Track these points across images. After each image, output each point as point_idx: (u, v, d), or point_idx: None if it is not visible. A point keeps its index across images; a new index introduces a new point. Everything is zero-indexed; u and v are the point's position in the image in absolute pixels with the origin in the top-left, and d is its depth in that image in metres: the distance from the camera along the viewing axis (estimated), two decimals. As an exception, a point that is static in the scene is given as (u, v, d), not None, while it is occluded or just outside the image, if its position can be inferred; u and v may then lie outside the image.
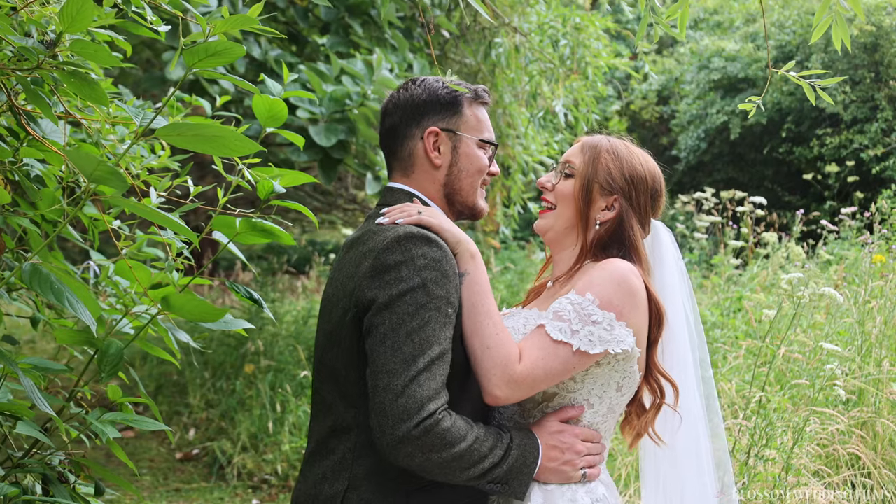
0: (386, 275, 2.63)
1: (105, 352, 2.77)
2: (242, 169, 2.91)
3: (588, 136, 3.15)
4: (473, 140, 2.99)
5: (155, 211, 2.18)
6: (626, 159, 3.06)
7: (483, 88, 3.07)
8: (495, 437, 2.72)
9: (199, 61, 2.09)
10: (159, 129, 2.06)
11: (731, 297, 8.62)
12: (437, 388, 2.58)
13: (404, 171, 3.00)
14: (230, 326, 2.92)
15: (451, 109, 2.98)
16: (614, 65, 9.88)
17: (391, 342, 2.58)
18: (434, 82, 3.01)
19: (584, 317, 2.78)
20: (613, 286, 2.82)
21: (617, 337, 2.78)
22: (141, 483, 7.51)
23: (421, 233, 2.70)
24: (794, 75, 2.74)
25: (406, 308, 2.59)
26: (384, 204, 2.96)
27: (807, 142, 17.27)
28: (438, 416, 2.55)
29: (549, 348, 2.76)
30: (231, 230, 2.86)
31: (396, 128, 2.99)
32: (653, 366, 2.98)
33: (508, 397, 2.75)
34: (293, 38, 8.25)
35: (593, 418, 2.92)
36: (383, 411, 2.54)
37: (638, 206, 3.05)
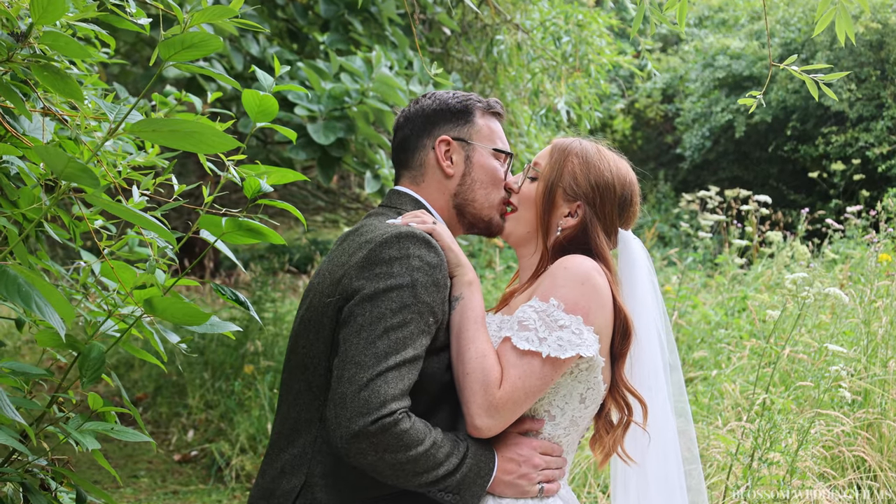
0: (377, 267, 2.57)
1: (87, 355, 2.68)
2: (229, 166, 2.82)
3: (561, 139, 3.04)
4: (487, 150, 2.95)
5: (131, 210, 2.10)
6: (595, 165, 2.94)
7: (496, 100, 3.03)
8: (452, 444, 2.63)
9: (174, 54, 2.01)
10: (133, 125, 1.97)
11: (736, 297, 8.53)
12: (403, 390, 2.51)
13: (413, 180, 2.96)
14: (216, 329, 2.84)
15: (463, 118, 2.95)
16: (617, 62, 9.79)
17: (367, 334, 2.51)
18: (444, 94, 2.98)
19: (550, 323, 2.69)
20: (576, 286, 2.72)
21: (586, 341, 2.69)
22: (138, 485, 7.43)
23: (423, 235, 2.64)
24: (796, 70, 2.66)
25: (390, 304, 2.53)
26: (388, 206, 2.92)
27: (812, 140, 17.17)
28: (398, 416, 2.47)
29: (523, 364, 2.67)
30: (218, 229, 2.78)
31: (408, 140, 2.97)
32: (619, 381, 2.87)
33: (491, 427, 2.66)
34: (293, 36, 8.17)
35: (554, 431, 2.81)
36: (343, 402, 2.46)
37: (603, 215, 2.93)
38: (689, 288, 9.58)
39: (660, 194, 19.77)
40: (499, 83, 9.20)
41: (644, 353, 2.94)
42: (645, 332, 2.93)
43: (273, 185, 2.81)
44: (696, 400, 6.47)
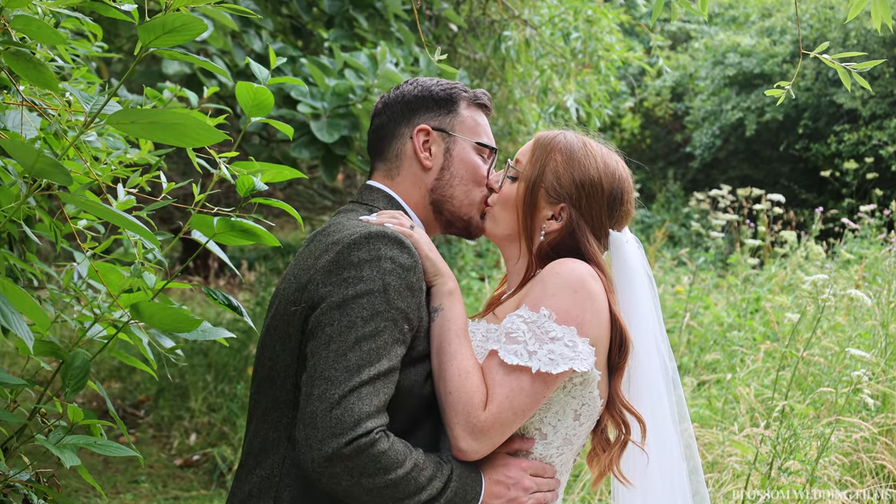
0: (345, 272, 2.36)
1: (70, 364, 2.52)
2: (221, 163, 2.66)
3: (544, 133, 2.79)
4: (469, 143, 2.72)
5: (109, 210, 1.93)
6: (579, 162, 2.69)
7: (483, 92, 2.79)
8: (435, 467, 2.42)
9: (155, 39, 1.84)
10: (109, 116, 1.81)
11: (749, 298, 8.36)
12: (379, 406, 2.30)
13: (388, 173, 2.74)
14: (208, 336, 2.67)
15: (446, 108, 2.72)
16: (627, 59, 9.63)
17: (336, 346, 2.30)
18: (428, 80, 2.75)
19: (540, 335, 2.46)
20: (569, 294, 2.49)
21: (581, 354, 2.46)
22: (139, 490, 7.29)
23: (395, 235, 2.42)
24: (827, 58, 2.48)
25: (360, 312, 2.32)
26: (359, 202, 2.69)
27: (824, 138, 16.98)
28: (375, 436, 2.26)
29: (510, 382, 2.45)
30: (209, 230, 2.61)
31: (384, 127, 2.75)
32: (616, 397, 2.65)
33: (477, 450, 2.45)
34: (297, 32, 8.02)
35: (546, 450, 2.60)
36: (313, 422, 2.26)
37: (591, 217, 2.68)
38: (700, 288, 9.42)
39: (669, 193, 19.58)
40: (507, 80, 9.06)
41: (642, 368, 2.73)
42: (643, 346, 2.71)
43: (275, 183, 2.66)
44: (709, 404, 6.32)
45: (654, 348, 2.76)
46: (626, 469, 2.75)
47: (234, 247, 17.40)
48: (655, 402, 2.76)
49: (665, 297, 9.45)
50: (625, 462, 2.75)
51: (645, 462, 2.73)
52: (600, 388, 2.61)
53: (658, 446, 2.75)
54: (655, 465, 2.76)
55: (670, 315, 8.81)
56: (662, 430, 2.77)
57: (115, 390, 9.85)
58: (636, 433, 2.69)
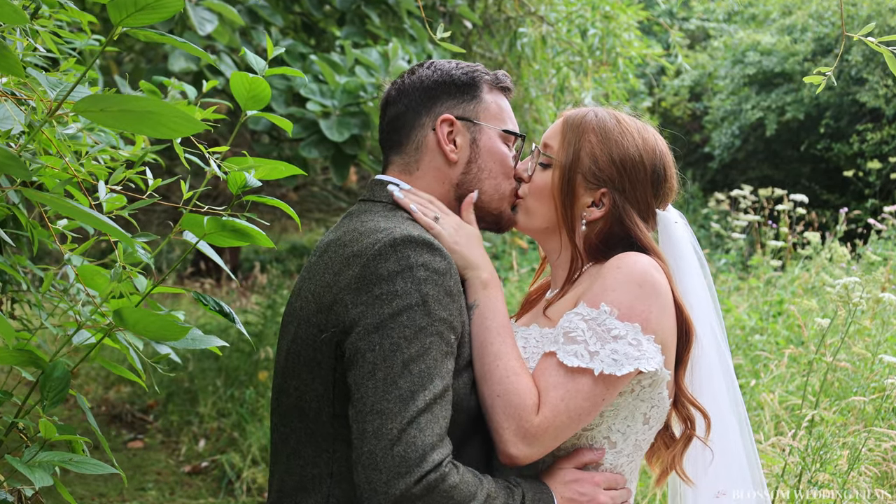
0: (376, 287, 2.13)
1: (49, 375, 2.33)
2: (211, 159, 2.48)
3: (572, 111, 2.56)
4: (496, 131, 2.47)
5: (78, 208, 1.74)
6: (616, 140, 2.47)
7: (504, 73, 2.53)
8: (507, 493, 2.20)
9: (126, 17, 1.65)
10: (77, 104, 1.62)
11: (771, 301, 8.14)
12: (441, 433, 2.08)
13: (406, 167, 2.49)
14: (199, 344, 2.47)
15: (469, 93, 2.47)
16: (646, 56, 9.43)
17: (383, 374, 2.07)
18: (446, 63, 2.50)
19: (601, 334, 2.25)
20: (633, 289, 2.28)
21: (646, 353, 2.25)
22: (145, 498, 7.12)
23: (422, 237, 2.19)
24: (872, 41, 2.28)
25: (402, 331, 2.09)
26: (370, 199, 2.45)
27: (846, 138, 16.73)
28: (445, 470, 2.05)
29: (569, 384, 2.23)
30: (200, 230, 2.42)
31: (402, 117, 2.48)
32: (680, 391, 2.44)
33: (528, 456, 2.24)
34: (308, 30, 7.86)
35: (617, 459, 2.40)
36: (374, 463, 2.03)
37: (636, 199, 2.48)
38: (721, 291, 9.21)
39: (687, 194, 19.36)
40: (522, 78, 8.88)
41: (702, 357, 2.53)
42: (701, 332, 2.51)
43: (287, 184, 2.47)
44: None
45: (711, 334, 2.57)
46: (687, 468, 2.58)
47: (248, 248, 17.25)
48: (715, 392, 2.56)
49: (685, 299, 9.24)
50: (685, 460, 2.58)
51: (709, 458, 2.54)
52: (669, 388, 2.42)
53: (719, 440, 2.56)
54: (720, 459, 2.57)
55: (690, 318, 8.60)
56: (721, 422, 2.56)
57: (124, 395, 9.71)
58: (699, 429, 2.51)
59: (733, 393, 2.64)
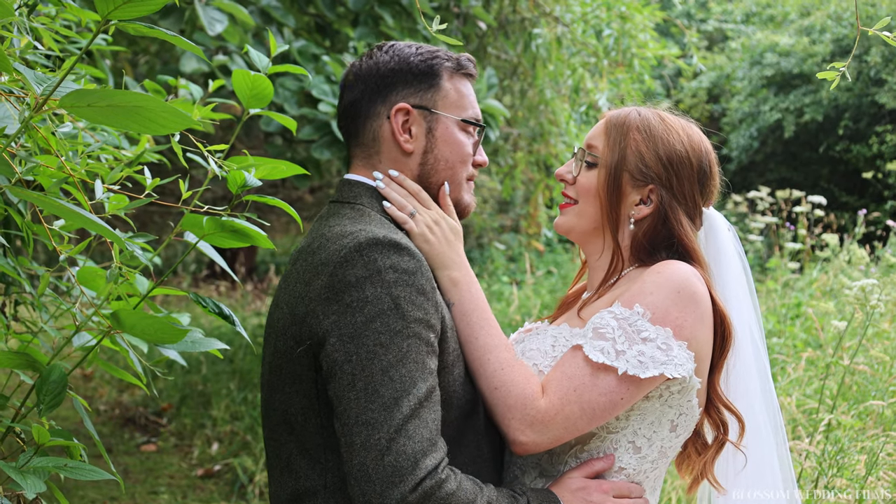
0: (346, 295, 2.08)
1: (46, 378, 2.29)
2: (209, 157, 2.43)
3: (614, 111, 2.54)
4: (454, 120, 2.40)
5: (68, 208, 1.70)
6: (662, 138, 2.45)
7: (468, 57, 2.46)
8: (510, 501, 2.16)
9: (114, 9, 1.60)
10: (62, 99, 1.57)
11: (789, 304, 8.06)
12: (431, 437, 2.03)
13: (368, 160, 2.43)
14: (198, 347, 2.43)
15: (427, 81, 2.39)
16: (662, 57, 9.37)
17: (363, 384, 2.02)
18: (405, 48, 2.42)
19: (631, 334, 2.21)
20: (671, 294, 2.25)
21: (675, 359, 2.21)
22: (157, 502, 7.09)
23: (388, 237, 2.14)
24: (889, 36, 2.22)
25: (377, 338, 2.04)
26: (340, 201, 2.40)
27: (865, 139, 16.61)
28: (441, 476, 2.00)
29: (586, 376, 2.20)
30: (200, 230, 2.38)
31: (357, 104, 2.42)
32: (715, 395, 2.40)
33: (538, 442, 2.21)
34: (322, 31, 7.83)
35: (641, 465, 2.34)
36: (366, 476, 1.99)
37: (683, 196, 2.45)
38: (738, 294, 9.12)
39: (706, 197, 19.27)
40: (537, 79, 8.82)
41: (738, 360, 2.49)
42: (740, 335, 2.47)
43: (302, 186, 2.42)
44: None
45: (748, 334, 2.53)
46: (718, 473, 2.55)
47: (264, 251, 17.25)
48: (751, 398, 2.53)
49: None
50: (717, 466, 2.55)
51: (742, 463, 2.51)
52: (700, 396, 2.38)
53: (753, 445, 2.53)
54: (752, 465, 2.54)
55: (707, 321, 8.54)
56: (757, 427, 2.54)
57: (137, 398, 9.69)
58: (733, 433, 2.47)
59: (770, 400, 2.61)
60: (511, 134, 9.93)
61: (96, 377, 10.24)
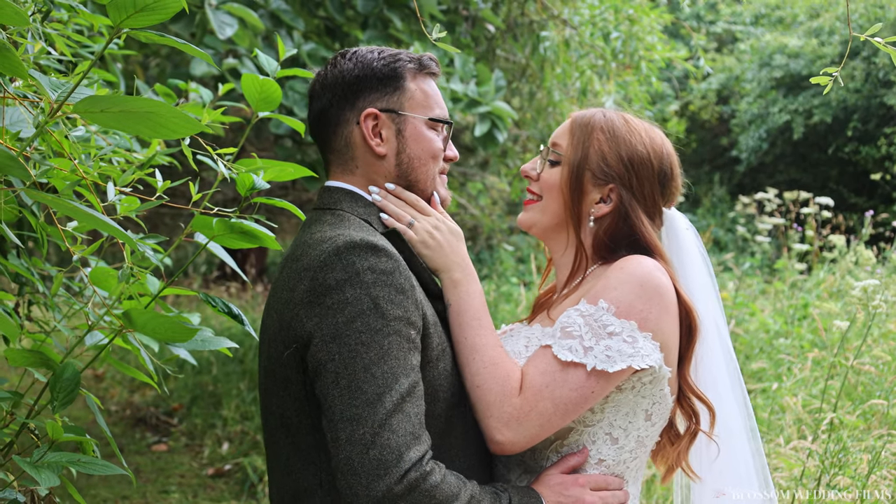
0: (327, 298, 2.16)
1: (59, 376, 2.35)
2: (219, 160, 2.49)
3: (580, 112, 2.62)
4: (421, 120, 2.47)
5: (82, 210, 1.75)
6: (625, 139, 2.52)
7: (430, 56, 2.53)
8: (492, 497, 2.23)
9: (126, 18, 1.66)
10: (76, 105, 1.63)
11: (796, 304, 8.09)
12: (415, 430, 2.10)
13: (345, 166, 2.49)
14: (208, 346, 2.49)
15: (391, 85, 2.46)
16: (670, 59, 9.40)
17: (346, 381, 2.10)
18: (368, 53, 2.48)
19: (597, 329, 2.29)
20: (634, 288, 2.32)
21: (641, 350, 2.28)
22: (168, 501, 7.16)
23: (365, 240, 2.21)
24: (880, 41, 2.26)
25: (358, 337, 2.11)
26: (321, 208, 2.47)
27: (874, 140, 16.61)
28: (425, 468, 2.07)
29: (557, 373, 2.27)
30: (209, 231, 2.44)
31: (326, 113, 2.49)
32: (685, 385, 2.47)
33: (514, 441, 2.28)
34: (331, 34, 7.88)
35: (620, 455, 2.42)
36: (352, 469, 2.06)
37: (643, 196, 2.52)
38: (746, 295, 9.16)
39: (715, 198, 19.27)
40: (545, 81, 8.87)
41: (706, 352, 2.57)
42: (706, 329, 2.55)
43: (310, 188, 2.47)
44: (755, 415, 6.07)
45: (716, 333, 2.62)
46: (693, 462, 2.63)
47: (274, 253, 17.32)
48: (720, 389, 2.61)
49: (710, 303, 9.20)
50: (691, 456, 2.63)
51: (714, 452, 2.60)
52: (671, 385, 2.45)
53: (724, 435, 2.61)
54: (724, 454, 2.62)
55: (715, 321, 8.57)
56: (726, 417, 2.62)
57: (149, 398, 9.76)
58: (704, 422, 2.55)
59: (738, 390, 2.69)
60: (520, 136, 9.99)
61: (107, 378, 10.31)
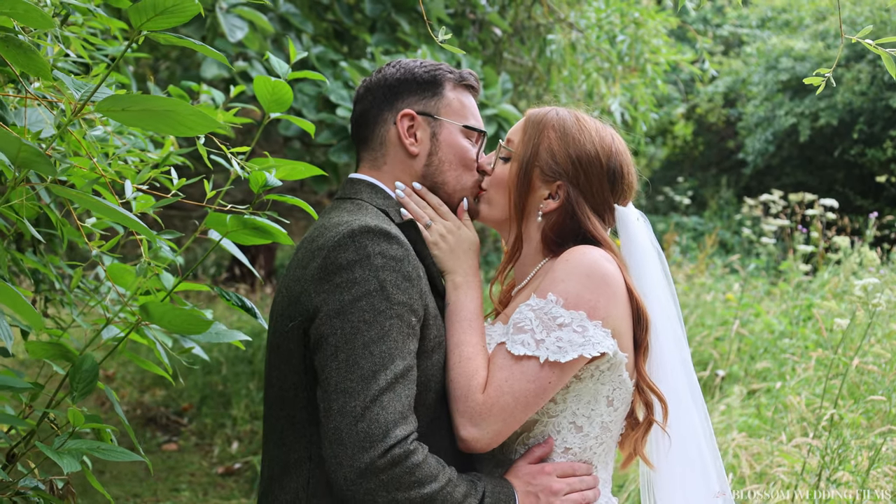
0: (336, 276, 2.26)
1: (78, 367, 2.43)
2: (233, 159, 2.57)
3: (535, 110, 2.70)
4: (456, 126, 2.60)
5: (106, 205, 1.84)
6: (574, 137, 2.58)
7: (469, 72, 2.68)
8: (469, 484, 2.32)
9: (147, 21, 1.75)
10: (99, 104, 1.72)
11: (801, 305, 8.16)
12: (404, 410, 2.20)
13: (374, 162, 2.62)
14: (222, 338, 2.58)
15: (430, 90, 2.61)
16: (675, 61, 9.46)
17: (345, 356, 2.20)
18: (411, 62, 2.63)
19: (547, 322, 2.36)
20: (580, 278, 2.39)
21: (592, 339, 2.35)
22: (179, 499, 7.23)
23: (379, 227, 2.32)
24: (871, 43, 2.33)
25: (362, 315, 2.22)
26: (343, 197, 2.58)
27: (880, 143, 16.64)
28: (409, 446, 2.17)
29: (513, 367, 2.36)
30: (223, 228, 2.52)
31: (367, 113, 2.63)
32: (640, 377, 2.56)
33: (476, 438, 2.36)
34: (339, 37, 7.96)
35: (585, 442, 2.50)
36: (339, 439, 2.16)
37: (591, 194, 2.59)
38: (751, 296, 9.23)
39: (722, 200, 19.32)
40: (552, 84, 8.93)
41: (659, 348, 2.63)
42: (659, 324, 2.62)
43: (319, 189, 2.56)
44: (758, 413, 6.15)
45: (669, 326, 2.67)
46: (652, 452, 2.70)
47: (282, 254, 17.43)
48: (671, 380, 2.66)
49: (715, 304, 9.29)
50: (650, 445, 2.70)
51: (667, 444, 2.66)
52: (629, 370, 2.53)
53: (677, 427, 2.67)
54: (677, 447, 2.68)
55: (720, 322, 8.65)
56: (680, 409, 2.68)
57: (159, 398, 9.83)
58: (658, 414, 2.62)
59: (692, 383, 2.75)
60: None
61: (118, 378, 10.39)
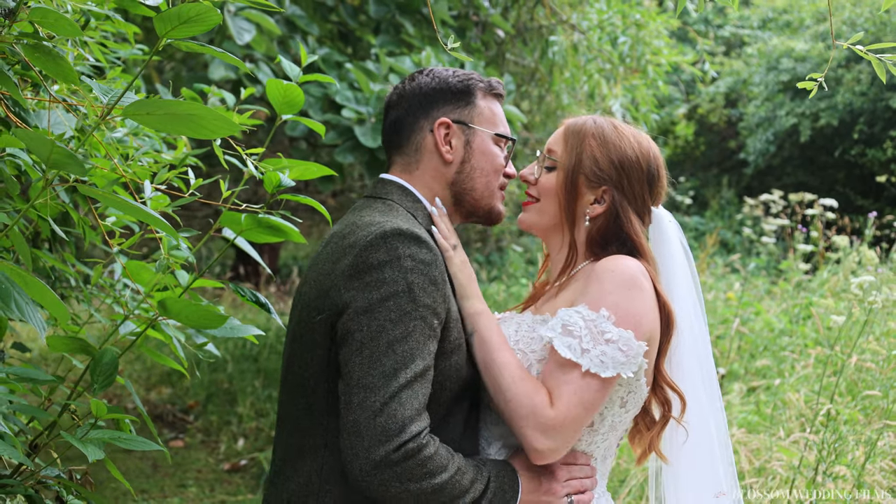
0: (367, 275, 2.36)
1: (98, 360, 2.52)
2: (248, 160, 2.66)
3: (572, 119, 2.82)
4: (488, 134, 2.70)
5: (129, 203, 1.93)
6: (615, 144, 2.72)
7: (497, 80, 2.78)
8: (475, 470, 2.44)
9: (171, 29, 1.84)
10: (126, 108, 1.81)
11: (800, 304, 8.25)
12: (419, 408, 2.31)
13: (406, 167, 2.72)
14: (236, 333, 2.67)
15: (464, 100, 2.70)
16: (676, 62, 9.55)
17: (369, 352, 2.30)
18: (443, 71, 2.73)
19: (596, 335, 2.48)
20: (626, 294, 2.53)
21: (632, 359, 2.49)
22: (186, 495, 7.32)
23: (411, 230, 2.42)
24: (861, 49, 2.42)
25: (388, 314, 2.32)
26: (373, 196, 2.68)
27: (880, 143, 16.70)
28: (423, 441, 2.28)
29: (579, 380, 2.47)
30: (237, 226, 2.61)
31: (402, 120, 2.71)
32: (660, 377, 2.68)
33: (552, 448, 2.47)
34: (344, 38, 8.05)
35: (592, 437, 2.64)
36: (357, 431, 2.26)
37: (633, 196, 2.72)
38: (751, 295, 9.31)
39: (723, 200, 19.38)
40: (554, 85, 9.02)
41: (681, 345, 2.78)
42: (682, 322, 2.75)
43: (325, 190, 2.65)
44: (758, 410, 6.24)
45: (688, 326, 2.80)
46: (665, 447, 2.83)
47: (286, 254, 17.54)
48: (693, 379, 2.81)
49: (716, 303, 9.37)
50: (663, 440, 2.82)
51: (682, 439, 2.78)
52: (647, 376, 2.65)
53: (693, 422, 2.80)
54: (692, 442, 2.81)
55: (721, 321, 8.73)
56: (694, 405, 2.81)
57: (165, 396, 9.92)
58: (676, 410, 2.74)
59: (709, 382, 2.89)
60: (529, 139, 10.14)
61: (124, 375, 10.46)
